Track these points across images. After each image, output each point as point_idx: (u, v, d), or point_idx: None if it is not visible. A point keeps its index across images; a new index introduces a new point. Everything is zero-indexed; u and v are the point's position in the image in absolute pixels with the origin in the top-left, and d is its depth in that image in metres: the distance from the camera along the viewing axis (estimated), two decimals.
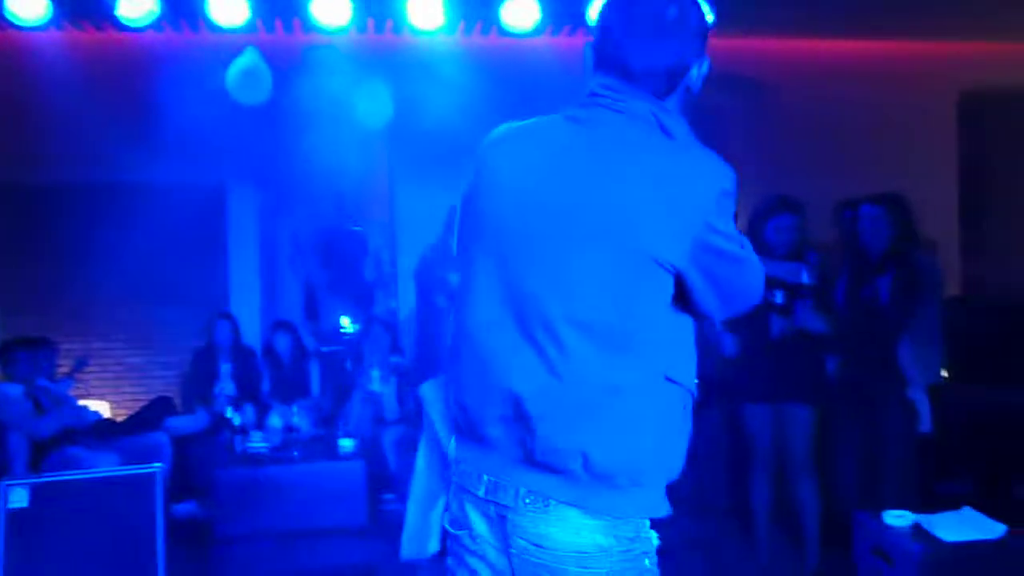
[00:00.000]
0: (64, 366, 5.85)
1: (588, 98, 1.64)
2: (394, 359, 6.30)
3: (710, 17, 1.63)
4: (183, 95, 6.15)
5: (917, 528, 3.32)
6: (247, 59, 5.82)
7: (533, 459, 1.56)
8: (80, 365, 5.84)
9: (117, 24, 5.45)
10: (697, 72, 1.66)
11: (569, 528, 1.55)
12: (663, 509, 1.62)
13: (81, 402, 5.90)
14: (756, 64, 7.04)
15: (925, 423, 3.90)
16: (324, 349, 7.00)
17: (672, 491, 1.65)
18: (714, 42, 1.71)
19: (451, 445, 1.73)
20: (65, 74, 6.14)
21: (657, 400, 1.56)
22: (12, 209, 6.75)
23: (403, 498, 5.39)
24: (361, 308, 7.51)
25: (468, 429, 1.67)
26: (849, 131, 7.04)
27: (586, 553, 1.54)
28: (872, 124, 7.05)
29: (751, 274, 1.63)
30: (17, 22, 5.07)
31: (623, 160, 1.55)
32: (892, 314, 3.84)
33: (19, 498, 3.71)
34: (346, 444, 5.39)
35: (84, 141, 6.48)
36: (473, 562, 1.69)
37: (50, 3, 5.06)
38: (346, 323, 7.36)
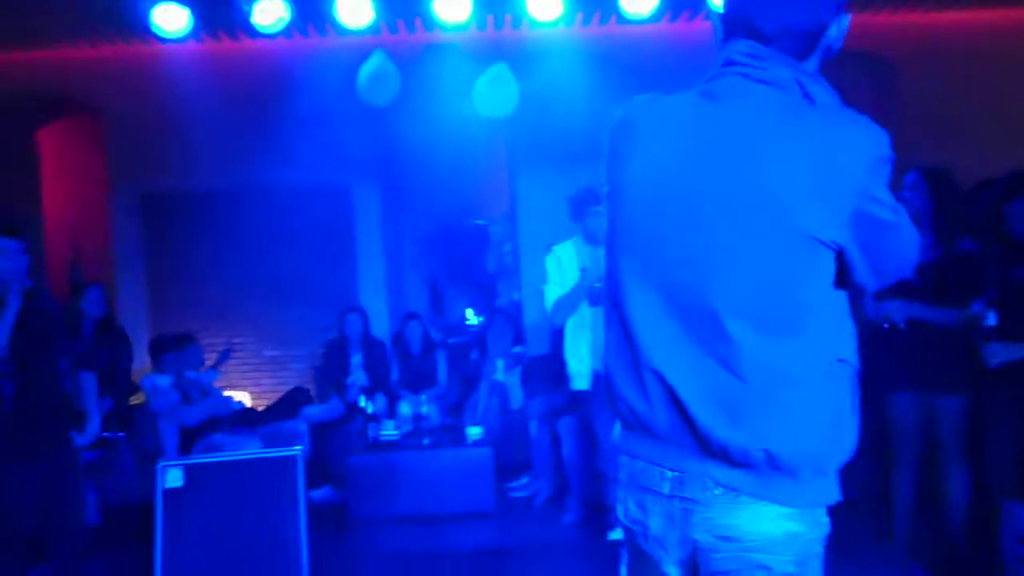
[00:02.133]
0: (209, 359, 6.19)
1: (723, 68, 1.56)
2: (517, 349, 6.38)
3: None
4: (311, 99, 6.42)
5: None
6: (375, 61, 6.00)
7: (712, 452, 1.51)
8: (224, 358, 6.16)
9: (251, 32, 5.73)
10: (837, 30, 1.55)
11: (760, 518, 1.50)
12: (837, 494, 1.56)
13: (224, 392, 6.22)
14: (878, 40, 6.79)
15: None
16: (450, 340, 7.15)
17: None
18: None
19: (617, 434, 1.68)
20: (203, 83, 6.50)
21: (831, 384, 1.50)
22: (160, 215, 7.19)
23: (532, 484, 5.47)
24: (484, 300, 7.64)
25: (638, 424, 1.60)
26: (981, 108, 6.69)
27: (776, 540, 1.51)
28: (1005, 100, 6.69)
29: (907, 241, 1.55)
30: (161, 35, 5.38)
31: (770, 136, 1.47)
32: None
33: (174, 478, 3.96)
34: (474, 432, 5.50)
35: (222, 148, 6.86)
36: (652, 560, 1.62)
37: (191, 15, 5.35)
38: (470, 315, 7.50)
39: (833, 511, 1.58)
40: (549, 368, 4.91)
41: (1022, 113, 6.69)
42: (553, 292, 4.60)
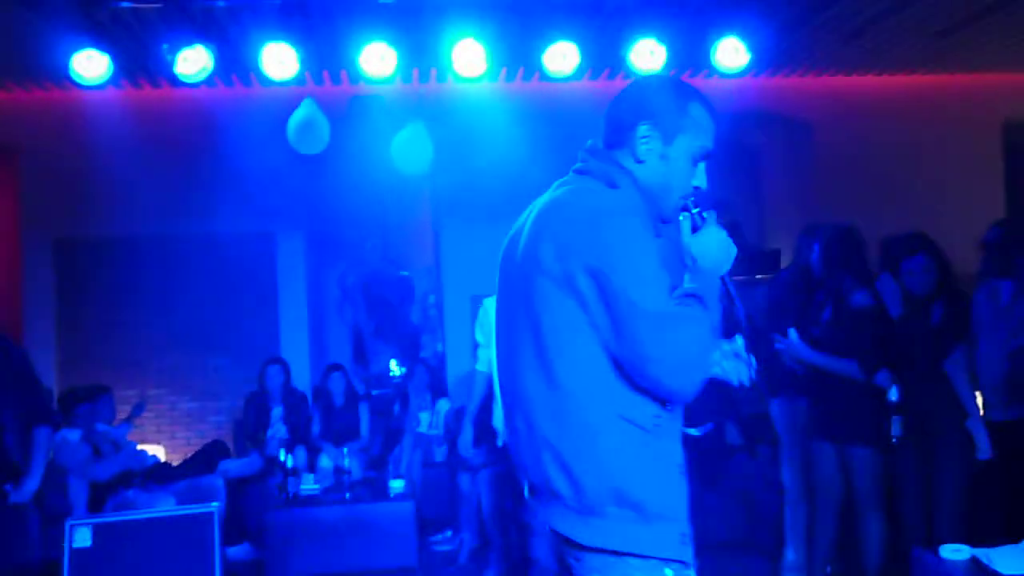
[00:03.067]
0: (122, 411, 6.00)
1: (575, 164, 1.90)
2: (440, 402, 6.35)
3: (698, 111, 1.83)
4: (235, 147, 6.37)
5: (975, 562, 3.24)
6: (305, 110, 5.98)
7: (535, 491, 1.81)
8: (137, 411, 5.99)
9: (173, 81, 5.68)
10: (648, 134, 1.80)
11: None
12: (670, 550, 1.67)
13: (138, 447, 6.03)
14: (794, 102, 7.11)
15: (984, 451, 3.85)
16: (373, 392, 7.09)
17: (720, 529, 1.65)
18: (752, 82, 1.73)
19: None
20: (123, 130, 6.40)
21: (613, 436, 1.66)
22: (73, 261, 6.99)
23: (455, 537, 5.41)
24: (408, 352, 7.60)
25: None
26: (892, 166, 7.05)
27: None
28: (914, 157, 7.07)
29: (677, 336, 1.59)
30: (81, 82, 5.30)
31: (553, 214, 1.75)
32: (942, 335, 3.82)
33: (82, 537, 3.81)
34: (396, 485, 5.44)
35: (141, 194, 6.73)
36: None
37: (111, 62, 5.28)
38: (394, 367, 7.46)
39: (751, 557, 1.65)
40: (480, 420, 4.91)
41: (930, 170, 7.07)
42: (484, 352, 4.61)
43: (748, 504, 5.38)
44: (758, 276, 7.48)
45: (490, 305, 4.73)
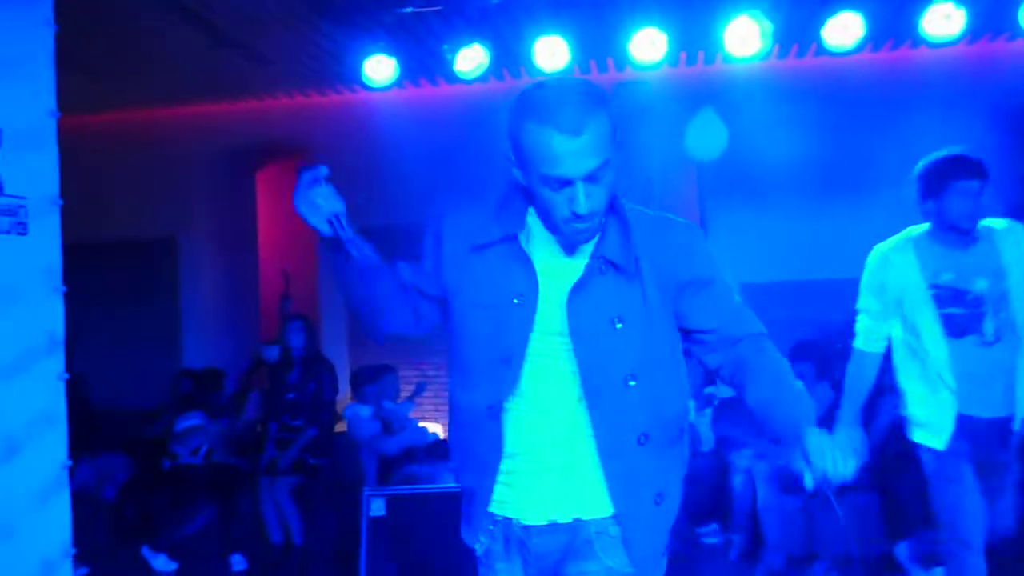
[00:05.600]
0: (405, 390, 6.42)
1: None
2: (708, 390, 6.22)
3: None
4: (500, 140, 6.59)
5: None
6: (705, 116, 6.09)
7: None
8: (420, 390, 6.37)
9: (451, 78, 5.97)
10: (510, 157, 1.69)
11: None
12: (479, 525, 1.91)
13: (419, 424, 6.43)
14: None
15: None
16: None
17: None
18: None
19: None
20: (403, 127, 6.82)
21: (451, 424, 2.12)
22: None
23: (722, 532, 5.29)
24: None
25: None
26: None
27: None
28: None
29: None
30: (371, 85, 5.70)
31: None
32: None
33: (378, 507, 4.14)
34: None
35: (418, 186, 7.14)
36: None
37: (398, 65, 5.63)
38: None
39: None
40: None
41: None
42: (873, 323, 3.30)
43: None
44: None
45: (897, 259, 3.22)
